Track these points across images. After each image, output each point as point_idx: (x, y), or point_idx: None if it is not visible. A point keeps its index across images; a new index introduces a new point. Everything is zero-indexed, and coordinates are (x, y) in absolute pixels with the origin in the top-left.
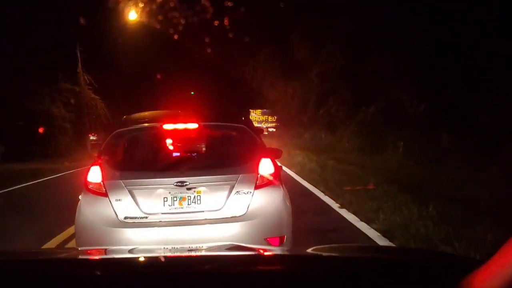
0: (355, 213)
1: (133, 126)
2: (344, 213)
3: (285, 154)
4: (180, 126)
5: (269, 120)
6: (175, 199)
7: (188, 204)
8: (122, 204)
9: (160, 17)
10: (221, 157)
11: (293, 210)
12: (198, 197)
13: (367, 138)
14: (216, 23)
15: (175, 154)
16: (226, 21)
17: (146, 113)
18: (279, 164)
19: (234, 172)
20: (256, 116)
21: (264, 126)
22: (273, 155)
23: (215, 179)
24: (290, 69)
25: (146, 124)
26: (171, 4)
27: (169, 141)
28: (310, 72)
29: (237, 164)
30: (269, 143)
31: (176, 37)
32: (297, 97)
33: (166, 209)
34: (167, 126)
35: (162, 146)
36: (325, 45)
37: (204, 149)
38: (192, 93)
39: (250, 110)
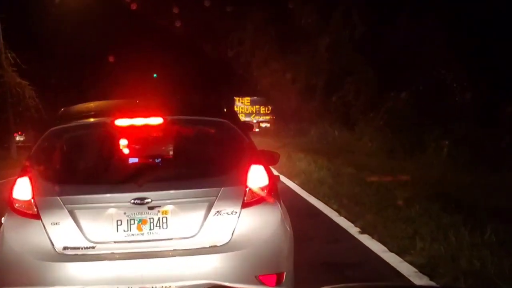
0: (381, 240)
1: (75, 122)
2: (367, 240)
3: (283, 159)
4: (139, 121)
5: (261, 111)
6: (132, 222)
7: (151, 229)
8: (61, 230)
9: None
10: (196, 164)
11: (296, 236)
12: (164, 219)
13: (398, 135)
14: None
15: (131, 160)
16: None
17: (92, 104)
18: (275, 172)
19: (213, 185)
20: (243, 107)
21: (255, 121)
22: (267, 160)
23: (187, 195)
24: (290, 40)
25: (92, 120)
26: None
27: (123, 143)
28: (317, 44)
29: (218, 173)
30: (262, 143)
31: (134, 6)
32: (299, 79)
33: (120, 236)
34: (121, 122)
35: (114, 149)
36: (338, 5)
37: (171, 153)
38: (155, 75)
39: (235, 98)
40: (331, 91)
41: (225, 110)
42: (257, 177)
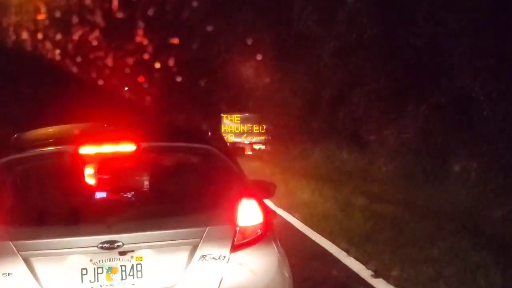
0: (398, 285)
1: (30, 151)
2: (381, 285)
3: (281, 188)
4: (107, 148)
5: (255, 130)
6: (100, 271)
7: (122, 279)
8: (13, 282)
9: None
10: (176, 198)
11: (297, 282)
12: (139, 266)
13: (417, 157)
14: None
15: (99, 195)
16: None
17: (51, 130)
18: (271, 206)
19: (196, 224)
20: (232, 126)
21: (247, 142)
22: (261, 192)
23: (166, 236)
24: (287, 45)
25: (50, 148)
26: None
27: (89, 173)
28: (320, 49)
29: (202, 210)
30: (256, 169)
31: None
32: (300, 92)
33: (86, 287)
34: (85, 150)
35: (77, 183)
36: (345, 4)
37: (147, 185)
38: (126, 88)
39: (222, 115)
40: (338, 105)
41: (209, 133)
42: (249, 213)
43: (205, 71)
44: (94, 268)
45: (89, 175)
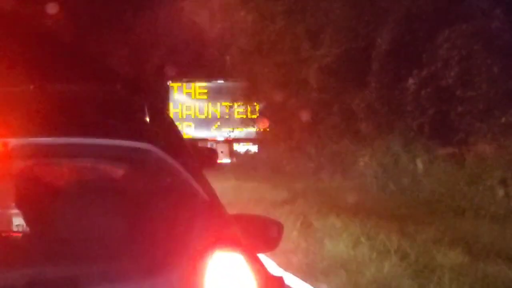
0: None
1: None
2: None
3: (294, 231)
4: None
5: (237, 114)
6: None
7: None
8: None
9: None
10: (78, 251)
11: None
12: None
13: None
14: None
15: None
16: None
17: None
18: (275, 268)
19: None
20: (190, 105)
21: (221, 137)
22: (254, 239)
23: None
24: None
25: None
26: None
27: None
28: None
29: (130, 275)
30: (240, 196)
31: None
32: (329, 36)
33: None
34: None
35: None
36: None
37: (20, 224)
38: None
39: (169, 84)
40: (407, 64)
41: (147, 115)
42: (228, 282)
43: None
44: None
45: None
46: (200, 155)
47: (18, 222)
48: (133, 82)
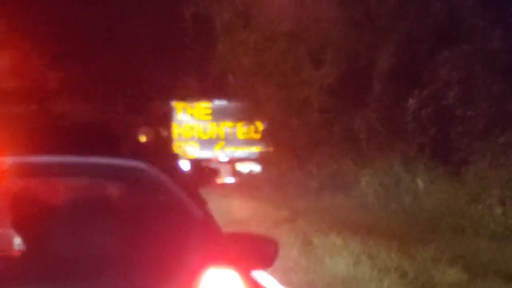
0: None
1: None
2: None
3: (294, 249)
4: None
5: (240, 134)
6: None
7: None
8: None
9: None
10: (81, 266)
11: None
12: None
13: None
14: None
15: None
16: None
17: None
18: (273, 286)
19: None
20: (194, 126)
21: (224, 158)
22: (249, 256)
23: None
24: None
25: None
26: None
27: None
28: None
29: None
30: (241, 214)
31: None
32: (330, 56)
33: None
34: None
35: None
36: None
37: (19, 245)
38: None
39: (173, 105)
40: (407, 83)
41: (144, 136)
42: None
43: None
44: None
45: None
46: (201, 174)
47: (19, 241)
48: (135, 102)
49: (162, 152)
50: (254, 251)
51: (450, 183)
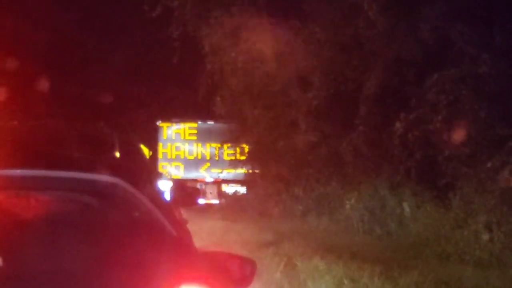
0: None
1: None
2: None
3: (277, 272)
4: None
5: (226, 156)
6: None
7: None
8: None
9: None
10: (54, 281)
11: None
12: None
13: None
14: None
15: None
16: None
17: None
18: None
19: None
20: (180, 146)
21: (209, 178)
22: (223, 275)
23: None
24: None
25: None
26: None
27: None
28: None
29: None
30: (223, 236)
31: None
32: (317, 79)
33: None
34: None
35: None
36: None
37: None
38: None
39: (159, 125)
40: (394, 107)
41: (117, 148)
42: None
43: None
44: None
45: None
46: (183, 194)
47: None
48: (118, 121)
49: (140, 170)
50: (230, 270)
51: (436, 208)
